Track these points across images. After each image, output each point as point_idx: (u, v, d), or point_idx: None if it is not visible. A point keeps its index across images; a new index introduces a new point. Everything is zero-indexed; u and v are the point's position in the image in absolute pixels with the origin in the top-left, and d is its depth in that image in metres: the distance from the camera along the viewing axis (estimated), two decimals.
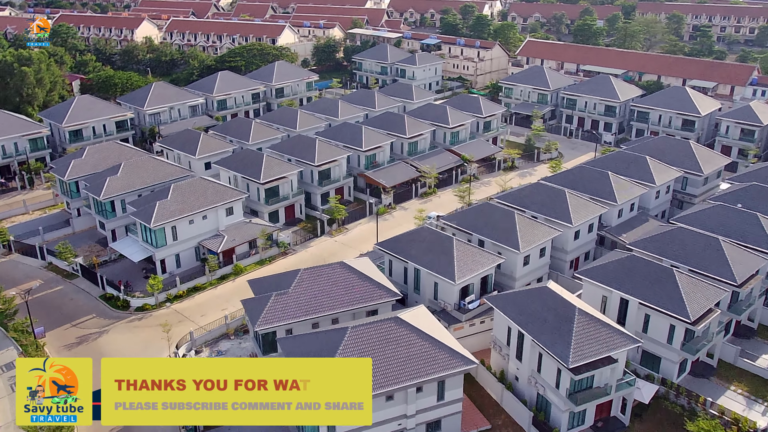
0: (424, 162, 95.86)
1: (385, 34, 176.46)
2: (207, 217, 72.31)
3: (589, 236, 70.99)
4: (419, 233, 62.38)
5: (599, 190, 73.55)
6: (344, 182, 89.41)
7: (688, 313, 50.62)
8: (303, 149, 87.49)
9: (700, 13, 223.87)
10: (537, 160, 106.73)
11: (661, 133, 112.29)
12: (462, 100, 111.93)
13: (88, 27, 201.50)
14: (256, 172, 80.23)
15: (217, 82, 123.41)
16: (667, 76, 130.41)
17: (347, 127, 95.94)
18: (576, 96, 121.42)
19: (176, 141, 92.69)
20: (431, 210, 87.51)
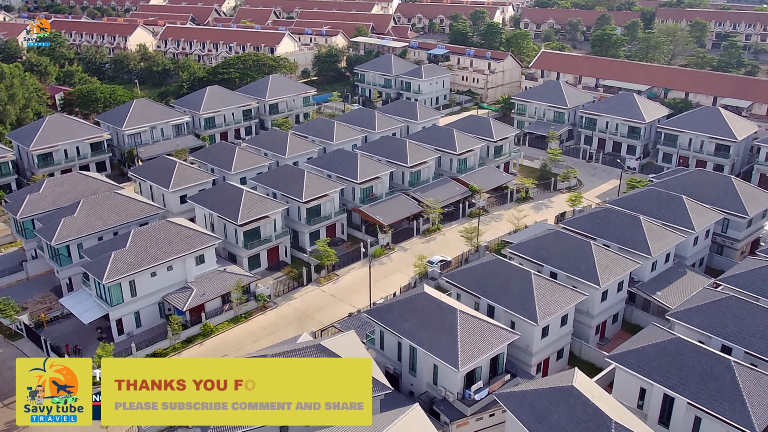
0: (427, 194, 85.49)
1: (390, 44, 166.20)
2: (173, 267, 62.31)
3: (619, 296, 60.37)
4: (417, 301, 51.92)
5: (630, 239, 62.88)
6: (336, 219, 79.19)
7: (753, 424, 39.95)
8: (290, 182, 77.36)
9: (723, 20, 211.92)
10: (554, 189, 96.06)
11: (691, 158, 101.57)
12: (471, 122, 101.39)
13: (80, 33, 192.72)
14: (233, 212, 70.15)
15: (205, 98, 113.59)
16: (696, 93, 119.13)
17: (341, 155, 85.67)
18: (596, 115, 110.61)
19: (149, 170, 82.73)
20: (434, 251, 77.25)
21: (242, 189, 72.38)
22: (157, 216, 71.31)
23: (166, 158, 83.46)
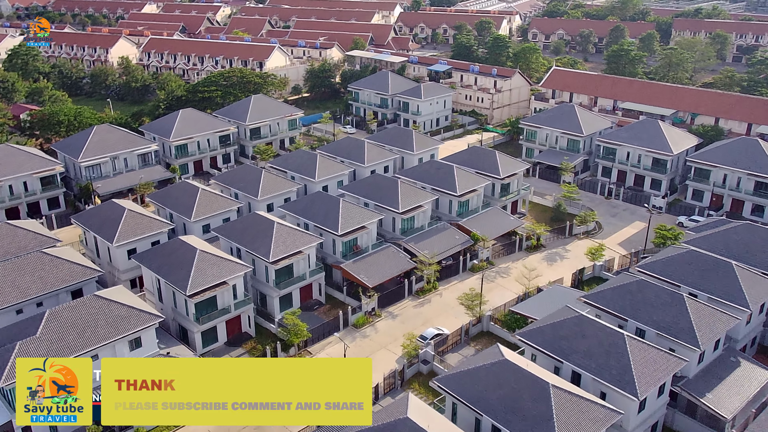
0: (421, 244, 72.90)
1: (387, 58, 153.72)
2: (99, 356, 49.83)
3: (660, 401, 47.56)
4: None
5: (672, 326, 50.03)
6: (313, 279, 66.56)
7: None
8: (257, 235, 64.81)
9: (745, 32, 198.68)
10: (569, 234, 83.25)
11: (726, 197, 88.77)
12: (474, 155, 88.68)
13: (60, 45, 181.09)
14: (182, 279, 57.62)
15: (177, 122, 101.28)
16: (728, 119, 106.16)
17: (321, 199, 73.05)
18: (616, 145, 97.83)
19: (95, 217, 70.20)
20: (429, 318, 64.74)
21: (196, 248, 59.81)
22: (89, 281, 58.90)
23: (114, 203, 70.89)
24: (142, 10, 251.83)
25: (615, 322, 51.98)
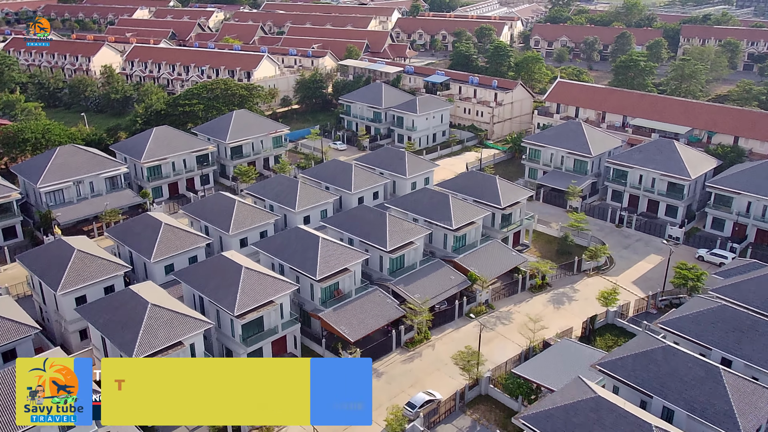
0: (412, 286, 64.63)
1: (382, 68, 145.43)
2: None
3: None
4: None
5: (708, 407, 41.70)
6: (287, 331, 58.18)
7: None
8: (222, 282, 56.28)
9: (757, 39, 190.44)
10: (578, 270, 74.97)
11: (750, 227, 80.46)
12: (472, 181, 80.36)
13: (41, 53, 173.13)
14: (130, 340, 49.30)
15: (150, 142, 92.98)
16: (748, 138, 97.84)
17: (298, 236, 64.57)
18: (627, 167, 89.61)
19: (40, 260, 61.85)
20: (418, 377, 56.45)
21: (147, 302, 51.47)
22: (22, 340, 50.71)
23: (63, 242, 62.53)
24: (132, 15, 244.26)
25: (637, 399, 43.76)
